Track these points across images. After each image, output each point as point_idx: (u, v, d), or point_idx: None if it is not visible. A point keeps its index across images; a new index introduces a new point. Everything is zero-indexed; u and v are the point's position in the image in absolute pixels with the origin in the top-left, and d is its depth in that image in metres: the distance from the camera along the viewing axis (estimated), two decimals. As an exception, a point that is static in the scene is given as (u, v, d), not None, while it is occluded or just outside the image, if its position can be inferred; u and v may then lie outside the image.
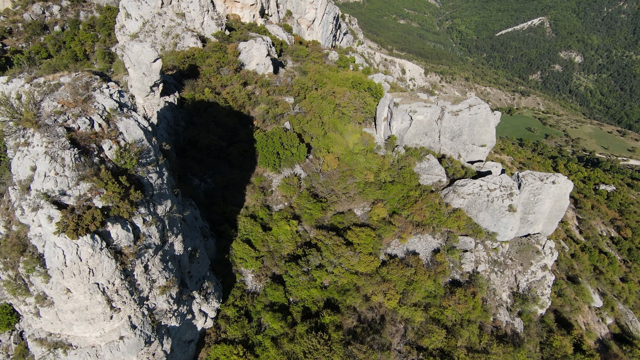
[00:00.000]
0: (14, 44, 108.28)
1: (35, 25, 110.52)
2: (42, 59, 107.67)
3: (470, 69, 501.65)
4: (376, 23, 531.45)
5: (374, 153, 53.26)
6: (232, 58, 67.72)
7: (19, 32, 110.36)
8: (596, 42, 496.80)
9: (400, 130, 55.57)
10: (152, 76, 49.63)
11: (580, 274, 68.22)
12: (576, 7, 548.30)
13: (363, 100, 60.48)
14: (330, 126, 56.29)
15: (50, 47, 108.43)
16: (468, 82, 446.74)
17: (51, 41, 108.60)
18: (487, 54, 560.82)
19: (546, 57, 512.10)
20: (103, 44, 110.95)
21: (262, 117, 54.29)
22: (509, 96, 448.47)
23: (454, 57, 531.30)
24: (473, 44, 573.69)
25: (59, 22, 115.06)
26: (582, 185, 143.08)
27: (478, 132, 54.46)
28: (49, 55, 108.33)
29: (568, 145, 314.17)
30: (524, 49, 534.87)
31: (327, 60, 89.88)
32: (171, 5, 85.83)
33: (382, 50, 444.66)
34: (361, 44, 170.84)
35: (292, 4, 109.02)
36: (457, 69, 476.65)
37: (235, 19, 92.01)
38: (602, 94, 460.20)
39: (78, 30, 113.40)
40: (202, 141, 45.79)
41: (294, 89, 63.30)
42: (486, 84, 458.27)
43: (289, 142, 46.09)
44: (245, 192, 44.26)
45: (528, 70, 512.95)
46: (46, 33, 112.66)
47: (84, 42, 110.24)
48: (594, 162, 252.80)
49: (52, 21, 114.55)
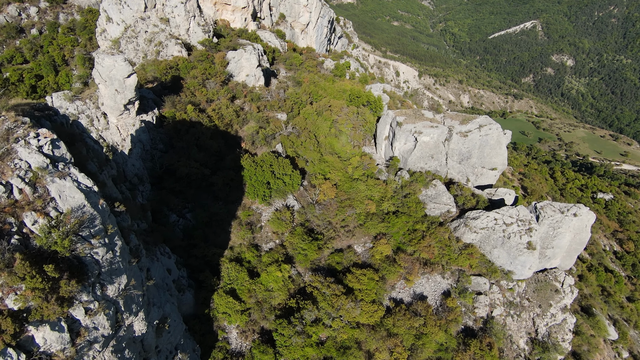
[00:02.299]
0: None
1: (10, 28, 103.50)
2: (17, 64, 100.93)
3: (464, 71, 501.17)
4: (370, 25, 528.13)
5: (375, 179, 48.17)
6: (219, 69, 62.17)
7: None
8: (587, 46, 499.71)
9: (403, 151, 50.60)
10: (126, 93, 43.96)
11: (592, 302, 64.03)
12: (568, 10, 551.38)
13: (362, 117, 55.38)
14: (327, 147, 51.09)
15: (26, 52, 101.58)
16: (462, 85, 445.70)
17: (27, 45, 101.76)
18: (480, 56, 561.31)
19: (538, 60, 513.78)
20: (84, 48, 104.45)
21: (251, 138, 48.87)
22: (502, 99, 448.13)
23: (447, 60, 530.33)
24: (466, 47, 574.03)
25: (37, 24, 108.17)
26: (579, 193, 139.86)
27: (489, 154, 49.75)
28: (25, 60, 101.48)
29: (562, 149, 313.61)
30: (516, 52, 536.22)
31: (323, 68, 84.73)
32: (155, 10, 79.88)
33: (376, 52, 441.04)
34: (356, 47, 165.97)
35: (286, 7, 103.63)
36: (451, 72, 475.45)
37: (225, 24, 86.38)
38: (594, 98, 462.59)
39: (57, 34, 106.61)
40: (182, 170, 40.30)
41: (287, 104, 57.99)
42: (479, 87, 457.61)
43: (280, 170, 40.80)
44: (231, 229, 38.85)
45: (521, 73, 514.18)
46: (22, 36, 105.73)
47: (62, 47, 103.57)
48: (587, 166, 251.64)
49: (29, 24, 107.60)
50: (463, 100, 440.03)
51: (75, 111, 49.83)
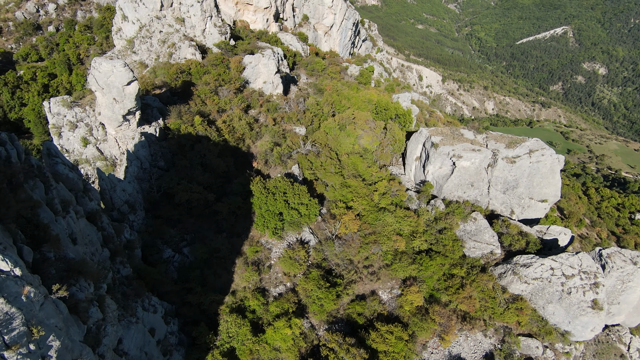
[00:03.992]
0: (2, 44, 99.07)
1: (27, 24, 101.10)
2: (32, 62, 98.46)
3: (489, 77, 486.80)
4: (394, 27, 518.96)
5: (405, 208, 41.68)
6: (234, 75, 56.77)
7: (9, 32, 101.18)
8: (622, 54, 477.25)
9: (438, 177, 43.92)
10: (126, 103, 38.85)
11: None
12: (601, 17, 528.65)
13: (391, 133, 48.92)
14: (350, 167, 44.87)
15: (42, 50, 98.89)
16: (486, 91, 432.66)
17: (43, 43, 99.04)
18: (506, 62, 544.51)
19: (568, 68, 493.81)
20: (100, 47, 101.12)
21: (264, 157, 43.13)
22: (529, 107, 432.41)
23: (472, 65, 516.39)
24: (492, 52, 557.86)
25: (54, 22, 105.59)
26: (616, 213, 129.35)
27: (539, 184, 42.59)
28: (40, 58, 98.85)
29: (592, 162, 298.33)
30: (545, 58, 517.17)
31: (346, 75, 78.54)
32: (171, 9, 75.28)
33: (399, 56, 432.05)
34: (380, 51, 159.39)
35: (310, 8, 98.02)
36: (476, 77, 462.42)
37: (244, 25, 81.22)
38: (627, 108, 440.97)
39: (74, 32, 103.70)
40: (181, 195, 34.84)
41: (307, 116, 52.08)
42: (505, 94, 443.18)
43: (296, 198, 34.85)
44: (234, 269, 33.12)
45: (549, 80, 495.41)
46: (39, 33, 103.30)
47: (79, 45, 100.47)
48: (620, 182, 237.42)
49: (46, 21, 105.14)
50: (487, 107, 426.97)
51: (73, 119, 45.17)
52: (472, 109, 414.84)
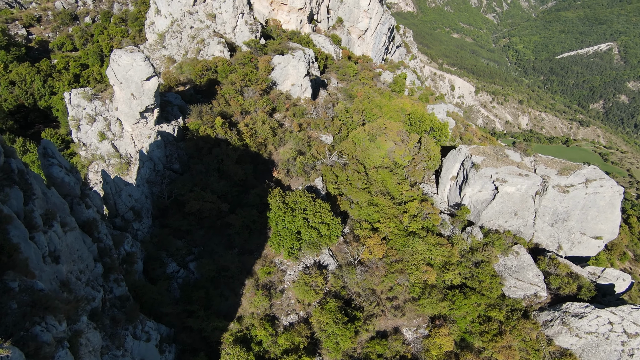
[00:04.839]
0: (40, 33, 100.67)
1: (65, 14, 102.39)
2: (66, 52, 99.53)
3: (525, 91, 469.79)
4: (428, 35, 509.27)
5: (437, 234, 37.32)
6: (262, 75, 53.95)
7: (47, 21, 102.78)
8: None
9: (476, 201, 39.33)
10: (144, 99, 36.39)
11: None
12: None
13: (426, 148, 44.64)
14: (378, 183, 40.92)
15: (76, 40, 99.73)
16: (521, 105, 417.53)
17: (79, 33, 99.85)
18: (544, 76, 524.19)
19: (611, 86, 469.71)
20: (132, 40, 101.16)
21: (286, 166, 39.82)
22: (566, 125, 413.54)
23: (508, 77, 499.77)
24: (530, 65, 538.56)
25: (91, 13, 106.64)
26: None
27: (594, 218, 37.32)
28: (75, 48, 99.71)
29: (632, 187, 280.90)
30: (586, 75, 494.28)
31: (379, 81, 74.57)
32: (204, 4, 73.59)
33: (431, 64, 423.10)
34: (414, 58, 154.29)
35: (345, 11, 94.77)
36: (511, 90, 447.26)
37: (276, 25, 78.66)
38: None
39: (109, 24, 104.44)
40: (192, 204, 31.94)
41: (335, 124, 48.52)
42: (541, 109, 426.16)
43: (317, 217, 31.28)
44: (243, 291, 29.85)
45: (589, 98, 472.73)
46: (76, 24, 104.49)
47: (112, 37, 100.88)
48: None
49: (83, 11, 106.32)
50: (521, 121, 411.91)
51: (92, 112, 43.30)
52: (505, 123, 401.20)
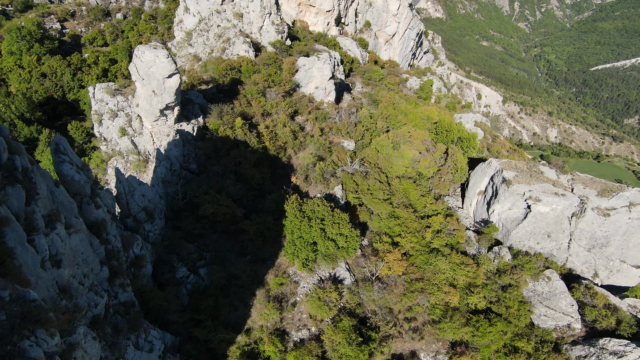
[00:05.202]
0: (74, 27, 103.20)
1: (98, 10, 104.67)
2: (97, 47, 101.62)
3: (555, 103, 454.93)
4: (456, 42, 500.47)
5: (462, 252, 35.04)
6: (285, 77, 52.87)
7: (81, 16, 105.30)
8: None
9: (506, 219, 36.82)
10: (164, 96, 35.72)
11: None
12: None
13: (453, 160, 42.37)
14: (400, 195, 38.95)
15: (107, 35, 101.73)
16: (551, 118, 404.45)
17: (110, 29, 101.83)
18: (576, 88, 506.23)
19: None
20: (161, 37, 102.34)
21: (305, 171, 38.41)
22: (598, 139, 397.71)
23: (537, 88, 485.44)
24: (562, 76, 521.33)
25: (123, 9, 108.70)
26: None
27: (637, 245, 34.26)
28: (105, 43, 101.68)
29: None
30: (622, 88, 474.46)
31: (405, 87, 72.43)
32: (232, 3, 73.40)
33: (458, 71, 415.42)
34: (442, 65, 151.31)
35: (373, 15, 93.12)
36: (540, 101, 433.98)
37: (303, 26, 77.72)
38: None
39: (139, 20, 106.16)
40: (206, 207, 30.90)
41: (358, 130, 46.84)
42: (572, 122, 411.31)
43: (335, 228, 29.67)
44: (253, 302, 28.50)
45: (624, 113, 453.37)
46: (107, 19, 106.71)
47: (142, 34, 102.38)
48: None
49: (115, 8, 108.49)
50: (550, 134, 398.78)
51: (114, 107, 43.10)
52: (533, 135, 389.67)
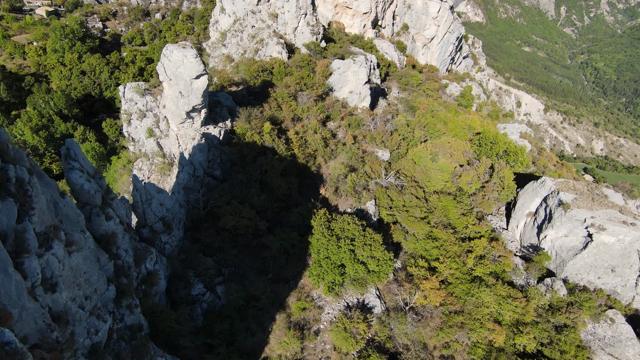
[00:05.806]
0: (115, 26, 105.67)
1: (138, 10, 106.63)
2: (135, 46, 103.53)
3: (603, 113, 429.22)
4: (496, 47, 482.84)
5: (508, 282, 31.05)
6: (318, 80, 50.41)
7: (122, 16, 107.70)
8: None
9: (561, 248, 32.44)
10: (191, 98, 34.02)
11: None
12: None
13: (499, 176, 38.27)
14: (439, 213, 35.35)
15: (146, 35, 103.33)
16: (597, 129, 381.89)
17: (148, 28, 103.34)
18: (627, 98, 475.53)
19: None
20: (197, 38, 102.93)
21: (335, 183, 35.62)
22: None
23: (583, 97, 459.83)
24: (610, 85, 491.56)
25: (162, 10, 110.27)
26: None
27: None
28: (143, 42, 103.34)
29: None
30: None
31: (445, 94, 68.21)
32: (267, 4, 71.99)
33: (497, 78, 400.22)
34: (482, 70, 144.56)
35: (411, 18, 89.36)
36: (586, 111, 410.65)
37: (339, 27, 75.17)
38: None
39: (177, 21, 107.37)
40: (227, 219, 28.72)
41: (393, 139, 43.57)
42: (620, 134, 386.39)
43: (366, 250, 26.68)
44: (272, 327, 25.96)
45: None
46: (147, 19, 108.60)
47: (179, 34, 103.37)
48: None
49: (155, 8, 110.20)
50: (595, 146, 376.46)
51: (143, 107, 42.06)
52: (576, 146, 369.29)
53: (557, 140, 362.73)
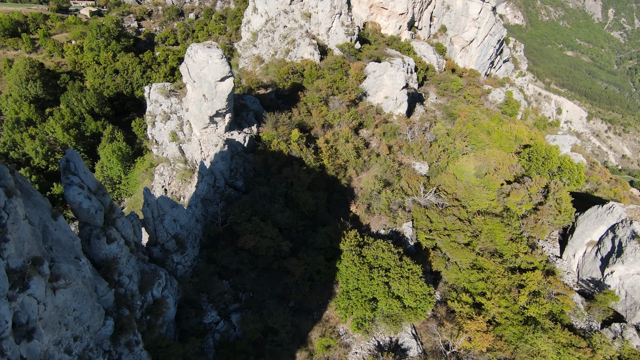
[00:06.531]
0: (149, 26, 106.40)
1: (172, 10, 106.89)
2: (169, 45, 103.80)
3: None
4: (537, 51, 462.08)
5: (567, 326, 26.53)
6: (352, 83, 47.12)
7: (157, 15, 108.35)
8: None
9: (632, 288, 27.56)
10: (215, 102, 31.55)
11: None
12: None
13: (555, 198, 33.55)
14: (484, 237, 31.15)
15: (179, 34, 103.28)
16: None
17: (181, 28, 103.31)
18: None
19: None
20: (228, 38, 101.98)
21: (367, 199, 32.16)
22: None
23: (631, 105, 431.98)
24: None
25: (195, 9, 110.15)
26: None
27: None
28: (176, 42, 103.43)
29: None
30: None
31: (487, 101, 63.13)
32: (301, 3, 69.44)
33: (537, 83, 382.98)
34: (523, 75, 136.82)
35: (450, 19, 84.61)
36: (633, 120, 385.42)
37: (375, 28, 71.61)
38: None
39: (210, 20, 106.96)
40: (247, 239, 25.88)
41: (433, 150, 39.58)
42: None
43: (403, 283, 23.06)
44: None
45: None
46: (180, 19, 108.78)
47: (211, 33, 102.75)
48: None
49: (189, 8, 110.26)
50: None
51: (167, 109, 40.24)
52: (621, 157, 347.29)
53: (600, 150, 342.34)
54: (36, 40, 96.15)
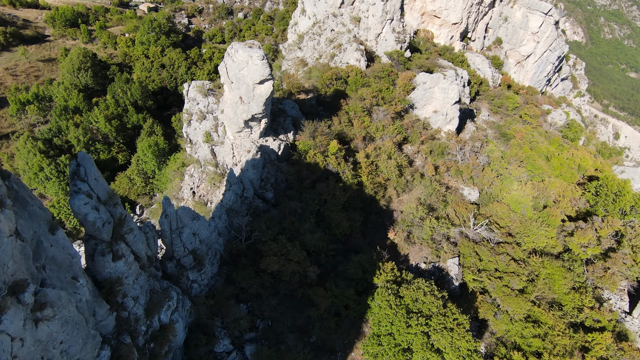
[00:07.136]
0: (199, 23, 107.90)
1: (222, 8, 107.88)
2: (216, 43, 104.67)
3: None
4: (596, 70, 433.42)
5: (644, 407, 21.89)
6: (399, 94, 43.84)
7: (207, 13, 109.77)
8: None
9: None
10: (251, 105, 29.43)
11: None
12: None
13: (632, 245, 28.61)
14: (542, 283, 26.86)
15: (226, 33, 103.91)
16: None
17: (229, 27, 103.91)
18: None
19: None
20: (274, 39, 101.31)
21: (407, 226, 28.77)
22: None
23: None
24: None
25: (245, 9, 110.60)
26: None
27: None
28: (223, 40, 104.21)
29: None
30: None
31: (546, 122, 57.43)
32: (351, 7, 66.87)
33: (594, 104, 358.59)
34: (581, 95, 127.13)
35: (507, 31, 79.11)
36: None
37: (427, 37, 67.74)
38: None
39: (257, 21, 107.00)
40: (270, 262, 23.29)
41: (485, 175, 35.47)
42: None
43: (445, 335, 19.59)
44: (308, 419, 19.94)
45: None
46: (229, 18, 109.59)
47: (257, 33, 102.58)
48: None
49: (238, 7, 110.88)
50: None
51: (204, 109, 38.84)
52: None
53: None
54: (93, 31, 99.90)
